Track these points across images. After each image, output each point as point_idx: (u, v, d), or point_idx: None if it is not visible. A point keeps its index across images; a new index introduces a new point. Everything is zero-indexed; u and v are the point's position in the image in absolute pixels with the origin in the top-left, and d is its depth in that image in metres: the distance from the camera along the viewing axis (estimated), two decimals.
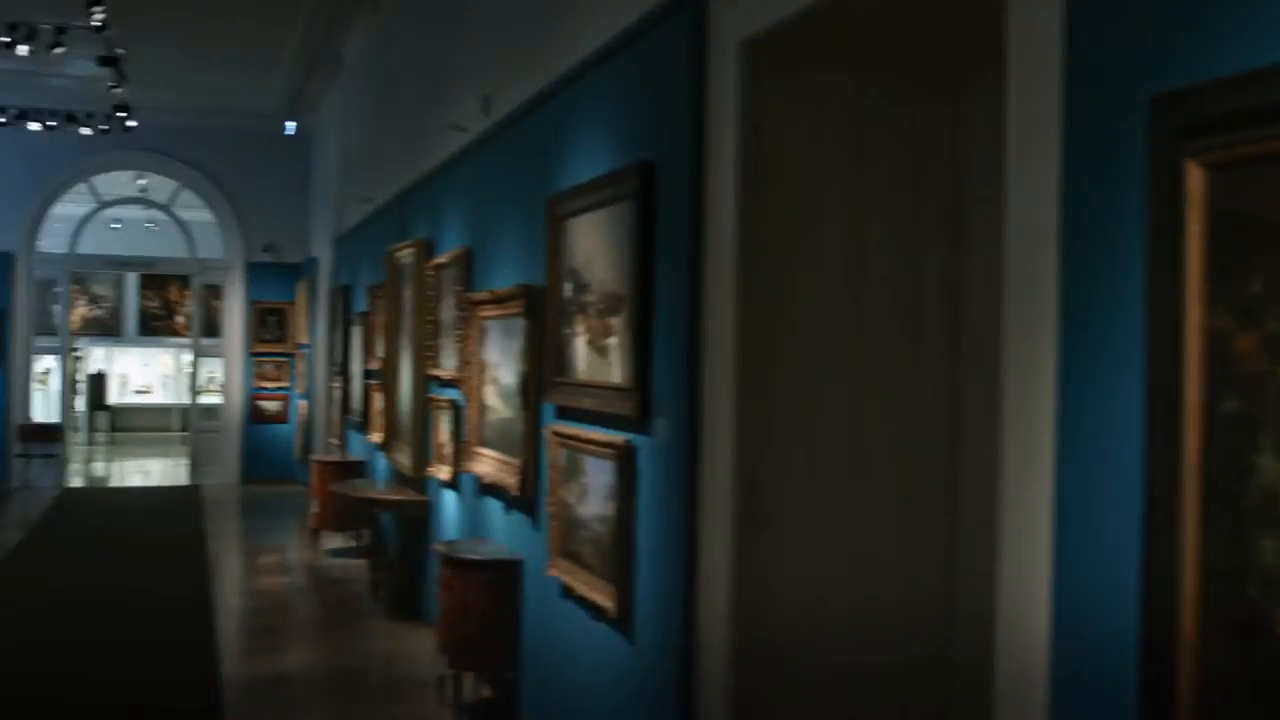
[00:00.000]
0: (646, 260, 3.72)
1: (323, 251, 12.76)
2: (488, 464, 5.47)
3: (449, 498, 6.49)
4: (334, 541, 9.73)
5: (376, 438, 8.53)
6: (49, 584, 8.28)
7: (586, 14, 4.50)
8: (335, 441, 11.14)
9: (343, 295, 10.88)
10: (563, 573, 4.37)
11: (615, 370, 3.90)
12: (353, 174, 11.01)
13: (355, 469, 9.29)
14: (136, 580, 8.40)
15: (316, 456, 10.17)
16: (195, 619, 7.13)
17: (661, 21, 3.72)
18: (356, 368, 9.89)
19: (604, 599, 3.94)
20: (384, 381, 8.12)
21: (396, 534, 7.64)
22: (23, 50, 9.50)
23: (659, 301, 3.68)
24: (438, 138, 6.98)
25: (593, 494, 4.08)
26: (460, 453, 6.04)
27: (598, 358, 4.08)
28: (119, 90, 10.65)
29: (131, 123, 11.63)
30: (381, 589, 7.49)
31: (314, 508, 9.35)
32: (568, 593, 4.38)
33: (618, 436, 3.87)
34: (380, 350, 8.36)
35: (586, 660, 4.27)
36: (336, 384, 11.14)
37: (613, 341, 3.94)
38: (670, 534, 3.56)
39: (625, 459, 3.80)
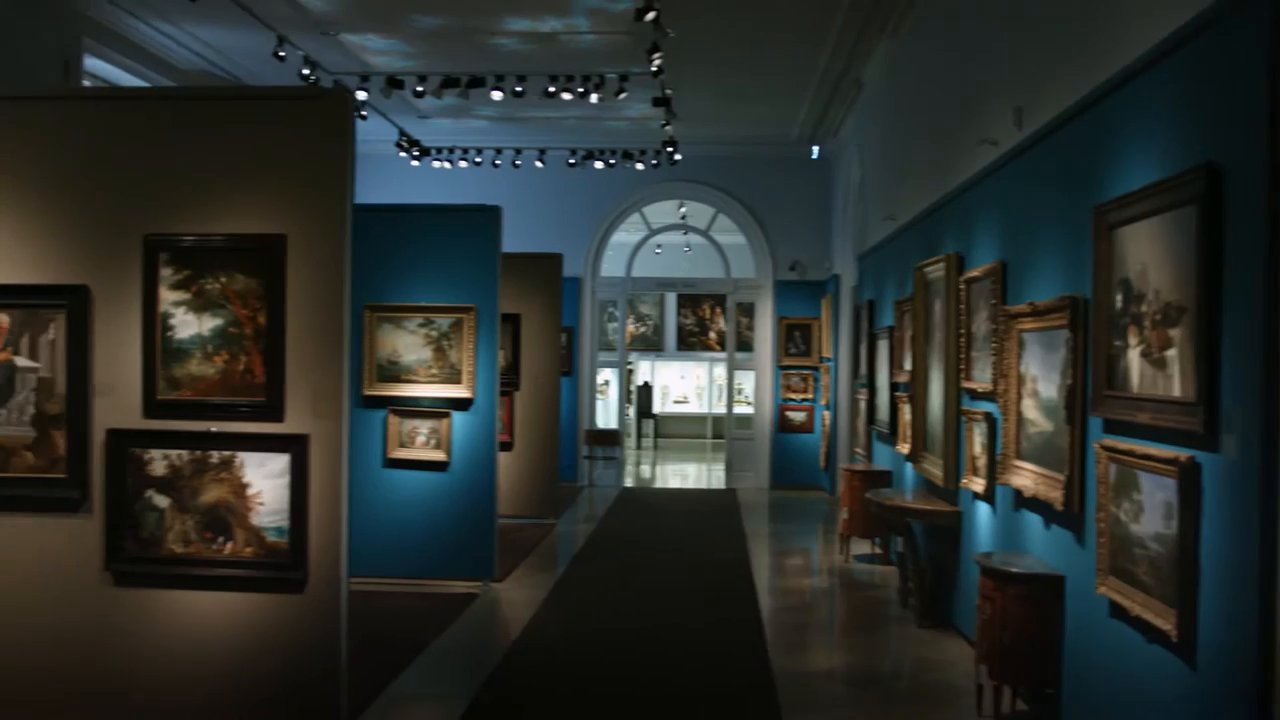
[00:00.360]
0: (1212, 267, 3.55)
1: (845, 269, 13.22)
2: (1026, 477, 5.42)
3: (982, 509, 6.49)
4: (861, 547, 10.06)
5: (904, 448, 8.71)
6: (617, 569, 9.39)
7: (1134, 18, 4.36)
8: (860, 451, 11.49)
9: (867, 310, 11.21)
10: (1113, 591, 4.25)
11: (1175, 383, 3.75)
12: (874, 193, 11.32)
13: (882, 478, 9.54)
14: (689, 571, 9.27)
15: (846, 465, 10.55)
16: (742, 610, 7.75)
17: (1226, 14, 3.53)
18: (882, 380, 10.13)
19: (1162, 621, 3.80)
20: (912, 394, 8.27)
21: (926, 543, 7.76)
22: (594, 99, 10.97)
23: (1226, 311, 3.49)
24: (965, 153, 7.03)
25: (1149, 512, 3.94)
26: (996, 465, 6.03)
27: (1154, 370, 3.93)
28: (668, 128, 11.87)
29: (677, 156, 12.91)
30: (912, 596, 7.65)
31: (843, 514, 9.73)
32: (1118, 612, 4.26)
33: (1179, 452, 3.72)
34: (908, 363, 8.53)
35: (1136, 683, 4.12)
36: (861, 396, 11.49)
37: (1172, 353, 3.79)
38: (1242, 557, 3.36)
39: (1188, 476, 3.65)
